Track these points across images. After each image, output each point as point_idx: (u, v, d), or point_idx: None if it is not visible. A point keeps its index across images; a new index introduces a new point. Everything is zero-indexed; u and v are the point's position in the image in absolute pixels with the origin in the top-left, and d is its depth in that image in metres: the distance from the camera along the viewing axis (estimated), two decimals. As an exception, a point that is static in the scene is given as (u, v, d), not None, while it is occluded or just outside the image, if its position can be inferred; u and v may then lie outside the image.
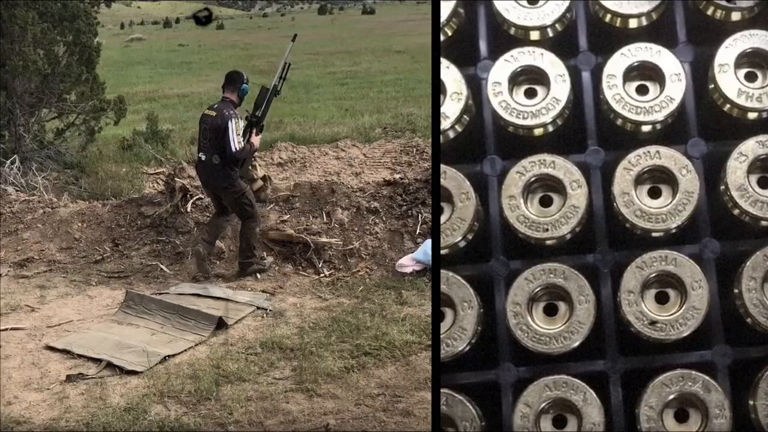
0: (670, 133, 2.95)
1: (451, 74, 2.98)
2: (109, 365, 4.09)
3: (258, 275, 5.38)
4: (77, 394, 3.82)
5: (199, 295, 5.04)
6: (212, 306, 4.82)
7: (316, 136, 10.00)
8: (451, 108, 2.96)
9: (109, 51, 23.03)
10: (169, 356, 4.19)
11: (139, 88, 17.16)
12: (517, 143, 3.01)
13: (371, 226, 5.80)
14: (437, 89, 2.98)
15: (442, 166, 2.92)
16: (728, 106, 2.91)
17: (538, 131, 2.98)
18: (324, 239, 5.66)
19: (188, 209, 6.18)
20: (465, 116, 3.00)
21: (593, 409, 2.73)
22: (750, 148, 2.83)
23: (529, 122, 2.95)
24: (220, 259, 5.71)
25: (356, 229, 5.78)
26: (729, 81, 2.89)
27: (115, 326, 4.65)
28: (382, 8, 52.79)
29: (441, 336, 2.82)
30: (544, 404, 2.77)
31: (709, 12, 3.04)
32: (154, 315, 4.73)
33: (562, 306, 2.85)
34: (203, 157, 5.34)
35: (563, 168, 2.89)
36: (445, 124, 2.96)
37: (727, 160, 2.84)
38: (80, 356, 4.22)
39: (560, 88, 2.95)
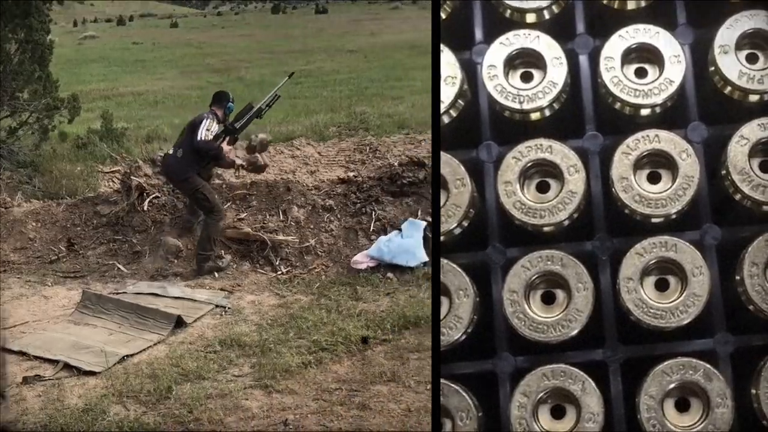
0: (670, 116, 2.84)
1: (445, 58, 2.85)
2: (67, 366, 3.99)
3: (216, 273, 5.31)
4: (34, 396, 3.72)
5: (157, 295, 4.95)
6: (170, 305, 4.74)
7: (272, 135, 9.89)
8: (446, 92, 2.84)
9: (62, 49, 22.36)
10: (127, 356, 4.11)
11: (93, 86, 16.71)
12: (514, 128, 2.88)
13: (326, 223, 5.78)
14: (437, 89, 2.86)
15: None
16: (729, 88, 2.78)
17: (534, 116, 2.85)
18: (281, 237, 5.62)
19: (145, 207, 6.06)
20: (460, 101, 2.87)
21: (592, 399, 2.63)
22: (751, 131, 2.70)
23: (526, 106, 2.83)
24: (179, 257, 5.62)
25: (312, 226, 5.76)
26: (730, 63, 2.76)
27: (71, 327, 4.54)
28: (335, 8, 52.53)
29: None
30: (542, 394, 2.66)
31: None
32: (111, 315, 4.62)
33: (560, 294, 2.74)
34: (170, 151, 5.41)
35: (560, 153, 2.77)
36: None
37: (728, 144, 2.71)
38: (37, 357, 4.11)
39: (557, 72, 2.83)
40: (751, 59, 2.79)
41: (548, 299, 2.75)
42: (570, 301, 2.68)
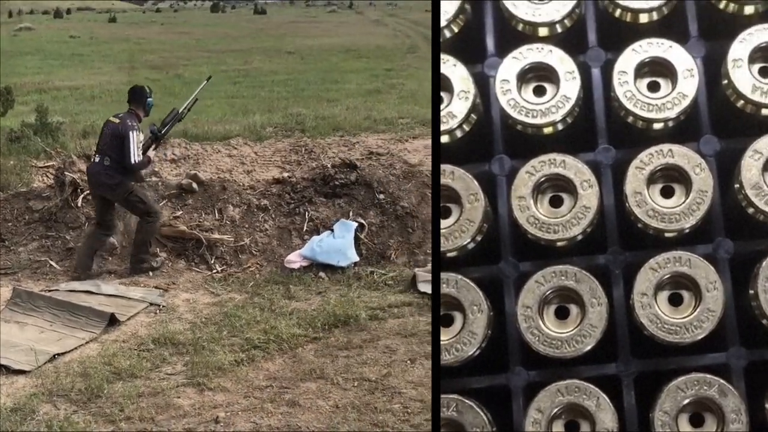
0: (683, 130, 2.76)
1: (458, 72, 2.76)
2: (-5, 365, 3.82)
3: (150, 272, 5.17)
4: (-40, 395, 3.54)
5: (90, 292, 4.78)
6: (104, 303, 4.59)
7: (209, 134, 9.69)
8: (459, 107, 2.75)
9: (-5, 40, 21.32)
10: (58, 354, 3.96)
11: (27, 78, 15.95)
12: (526, 142, 2.80)
13: (261, 223, 5.71)
14: (437, 89, 2.77)
15: (450, 167, 2.70)
16: (742, 102, 2.69)
17: (547, 130, 2.75)
18: (216, 236, 5.52)
19: (79, 204, 5.84)
20: (473, 115, 2.79)
21: (606, 414, 2.53)
22: (765, 145, 2.61)
23: (538, 121, 2.73)
24: (113, 255, 5.44)
25: (247, 226, 5.68)
26: (743, 76, 2.67)
27: (1, 324, 4.33)
28: (273, 9, 51.84)
29: (450, 341, 2.62)
30: (556, 409, 2.56)
31: (722, 6, 2.81)
32: (42, 312, 4.45)
33: (573, 309, 2.65)
34: (96, 159, 5.14)
35: (574, 167, 2.68)
36: (452, 123, 2.75)
37: (742, 158, 2.62)
38: (-36, 356, 3.91)
39: (570, 86, 2.74)
40: (765, 72, 2.71)
41: (562, 314, 2.67)
42: (584, 317, 2.60)
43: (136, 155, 4.98)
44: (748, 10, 2.80)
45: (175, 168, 7.54)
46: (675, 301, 2.62)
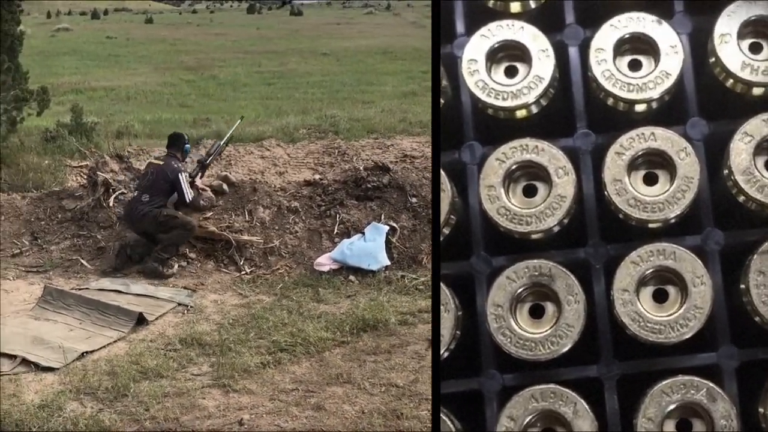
0: (668, 112, 2.60)
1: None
2: (25, 361, 3.92)
3: (160, 276, 5.15)
4: (-10, 390, 3.65)
5: (119, 291, 4.88)
6: (132, 302, 4.68)
7: (242, 135, 9.83)
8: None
9: (34, 40, 21.96)
10: (86, 352, 4.05)
11: (64, 79, 16.41)
12: (500, 128, 2.62)
13: (291, 225, 5.76)
14: (437, 89, 2.67)
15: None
16: (731, 81, 2.52)
17: (520, 113, 2.58)
18: (245, 237, 5.59)
19: (111, 204, 5.97)
20: (441, 99, 2.64)
21: (584, 421, 2.39)
22: (756, 127, 2.44)
23: (509, 103, 2.55)
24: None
25: (277, 227, 5.74)
26: (731, 53, 2.49)
27: (31, 321, 4.45)
28: (309, 10, 52.34)
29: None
30: (530, 417, 2.41)
31: None
32: (72, 310, 4.55)
33: (549, 307, 2.49)
34: (135, 194, 5.47)
35: (548, 154, 2.51)
36: None
37: (731, 142, 2.45)
38: (-5, 352, 4.03)
39: (543, 65, 2.57)
40: (755, 49, 2.53)
41: (538, 313, 2.51)
42: (560, 316, 2.45)
43: (189, 194, 5.40)
44: None
45: (207, 169, 7.67)
46: (660, 297, 2.47)
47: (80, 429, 3.30)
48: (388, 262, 5.29)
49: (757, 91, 2.51)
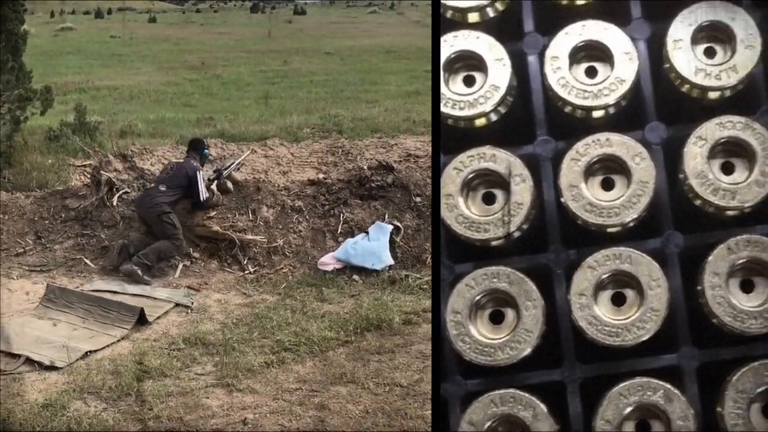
0: (626, 117, 2.63)
1: None
2: (28, 360, 3.93)
3: (140, 274, 5.09)
4: (-6, 389, 3.66)
5: (115, 292, 4.88)
6: (129, 302, 4.68)
7: (246, 134, 9.84)
8: None
9: (38, 39, 21.99)
10: (90, 352, 4.06)
11: (68, 78, 16.44)
12: (462, 137, 2.65)
13: (295, 224, 5.76)
14: (437, 90, 2.69)
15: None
16: (687, 86, 2.56)
17: (479, 122, 2.62)
18: (249, 236, 5.59)
19: (114, 203, 5.98)
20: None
21: (544, 425, 2.41)
22: (709, 130, 2.47)
23: (466, 112, 2.60)
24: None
25: (281, 227, 5.74)
26: (685, 58, 2.54)
27: (35, 320, 4.47)
28: (313, 9, 52.34)
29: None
30: (489, 422, 2.43)
31: None
32: (75, 308, 4.56)
33: (509, 313, 2.53)
34: (153, 185, 5.62)
35: (505, 161, 2.55)
36: None
37: (685, 146, 2.49)
38: (-2, 351, 4.04)
39: (499, 74, 2.61)
40: (710, 53, 2.57)
41: (497, 319, 2.55)
42: (519, 321, 2.49)
43: (204, 193, 5.57)
44: None
45: (210, 168, 7.67)
46: (619, 300, 2.50)
47: (84, 428, 3.31)
48: (392, 262, 5.29)
49: (712, 95, 2.57)
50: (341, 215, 5.79)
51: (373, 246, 5.33)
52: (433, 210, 2.71)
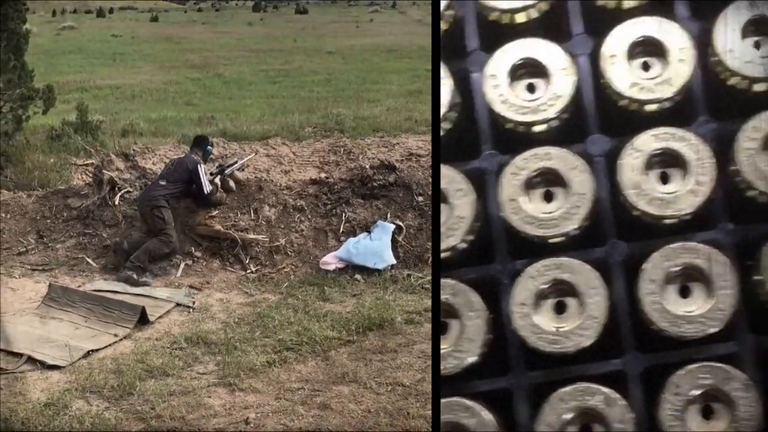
0: (569, 131, 2.70)
1: None
2: (31, 360, 3.94)
3: (137, 278, 5.09)
4: (-4, 388, 3.66)
5: (116, 292, 4.88)
6: (132, 301, 4.68)
7: (248, 133, 9.85)
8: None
9: (40, 39, 22.01)
10: (92, 351, 4.07)
11: (70, 77, 16.47)
12: None
13: (297, 223, 5.76)
14: (437, 90, 2.74)
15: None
16: (624, 100, 2.64)
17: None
18: (251, 236, 5.59)
19: (116, 202, 5.99)
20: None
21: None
22: (644, 142, 2.56)
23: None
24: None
25: (282, 226, 5.74)
26: (620, 72, 2.62)
27: (37, 320, 4.47)
28: (315, 9, 52.34)
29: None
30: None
31: (600, 3, 2.75)
32: (77, 307, 4.56)
33: (453, 324, 2.59)
34: (155, 181, 5.66)
35: (447, 176, 2.62)
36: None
37: (620, 158, 2.58)
38: (0, 350, 4.04)
39: (442, 92, 2.69)
40: (645, 67, 2.65)
41: (443, 330, 2.62)
42: (463, 331, 2.56)
43: (207, 185, 5.58)
44: (628, 4, 2.73)
45: (213, 166, 7.68)
46: (562, 309, 2.59)
47: (86, 427, 3.31)
48: (394, 261, 5.29)
49: (650, 107, 2.64)
50: (343, 214, 5.79)
51: (375, 245, 5.33)
52: (433, 210, 2.76)
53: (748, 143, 2.55)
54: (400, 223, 5.59)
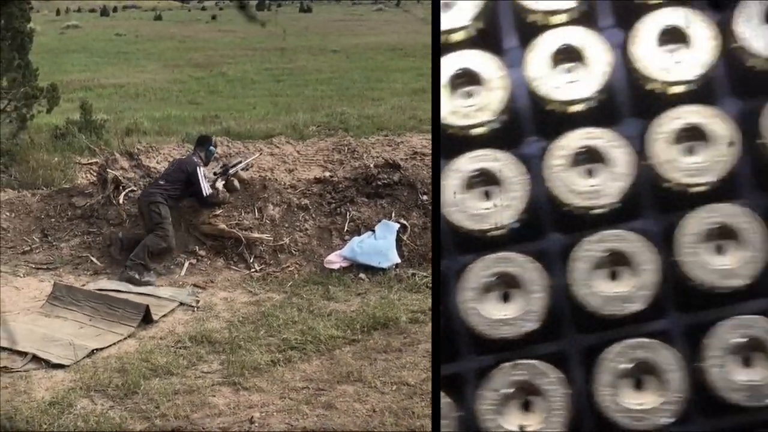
0: (509, 132, 2.85)
1: None
2: (35, 358, 3.95)
3: (139, 278, 5.12)
4: (1, 387, 3.67)
5: (119, 291, 4.89)
6: (136, 300, 4.69)
7: (252, 132, 9.85)
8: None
9: (44, 38, 22.03)
10: (97, 349, 4.07)
11: (74, 76, 16.48)
12: None
13: (301, 222, 5.77)
14: (437, 89, 2.81)
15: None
16: (550, 104, 2.81)
17: None
18: (255, 235, 5.60)
19: (120, 201, 6.00)
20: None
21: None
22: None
23: None
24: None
25: (287, 225, 5.74)
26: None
27: (42, 318, 4.48)
28: (319, 7, 52.35)
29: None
30: None
31: (529, 19, 2.89)
32: (82, 306, 4.58)
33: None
34: (155, 181, 5.70)
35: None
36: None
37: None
38: (5, 349, 4.05)
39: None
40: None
41: None
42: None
43: (206, 189, 5.58)
44: (556, 20, 2.85)
45: (217, 165, 7.68)
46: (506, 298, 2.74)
47: (90, 426, 3.32)
48: (399, 260, 5.29)
49: (574, 108, 2.79)
50: (348, 213, 5.79)
51: (379, 244, 5.33)
52: (433, 209, 2.81)
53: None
54: (405, 222, 5.59)
